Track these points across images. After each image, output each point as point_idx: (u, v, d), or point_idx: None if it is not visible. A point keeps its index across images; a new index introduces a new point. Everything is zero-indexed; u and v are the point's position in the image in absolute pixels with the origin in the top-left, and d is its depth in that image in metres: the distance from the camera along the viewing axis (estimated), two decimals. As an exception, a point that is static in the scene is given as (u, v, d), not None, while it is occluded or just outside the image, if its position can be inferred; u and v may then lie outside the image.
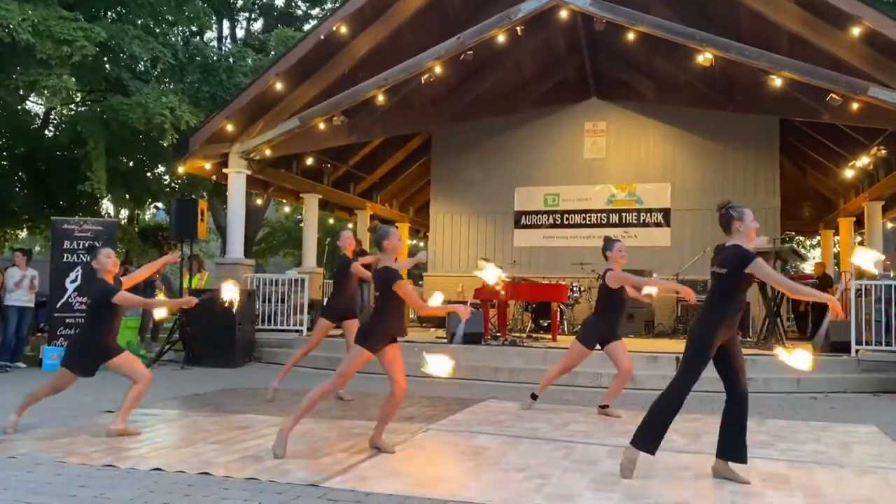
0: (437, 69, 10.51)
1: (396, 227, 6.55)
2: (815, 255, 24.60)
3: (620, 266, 6.27)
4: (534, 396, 6.76)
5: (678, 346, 9.89)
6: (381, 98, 11.02)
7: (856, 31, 8.86)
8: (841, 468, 4.63)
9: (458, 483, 4.07)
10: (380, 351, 4.76)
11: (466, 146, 14.96)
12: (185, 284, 11.23)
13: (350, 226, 17.36)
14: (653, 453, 4.20)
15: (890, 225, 17.81)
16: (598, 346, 6.37)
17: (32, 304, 10.39)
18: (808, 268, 23.65)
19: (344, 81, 11.14)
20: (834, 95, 9.28)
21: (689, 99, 13.00)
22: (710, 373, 4.26)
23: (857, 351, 8.98)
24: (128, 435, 5.12)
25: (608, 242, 6.33)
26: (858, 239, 19.10)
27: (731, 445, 4.21)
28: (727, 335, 4.20)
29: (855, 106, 9.49)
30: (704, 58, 9.71)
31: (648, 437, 4.20)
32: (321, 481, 4.02)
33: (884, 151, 12.16)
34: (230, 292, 6.09)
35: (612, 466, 4.51)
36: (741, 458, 4.20)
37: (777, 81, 9.67)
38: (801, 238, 26.63)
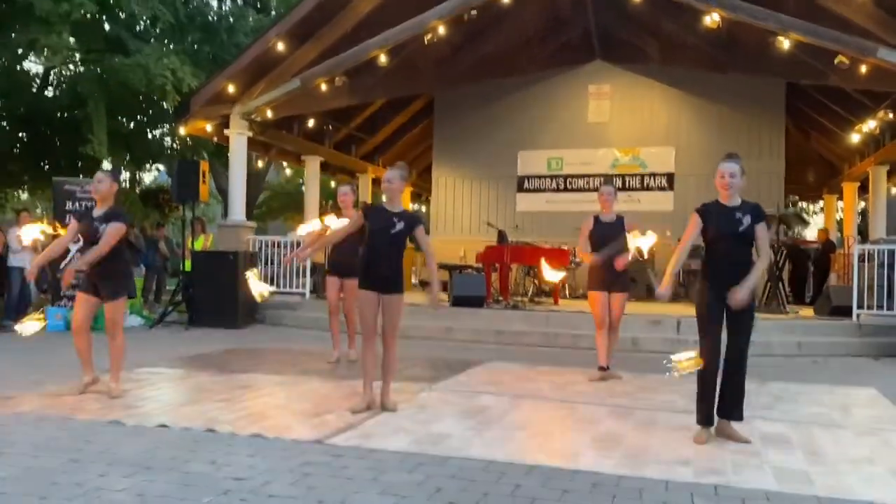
0: (441, 29, 10.34)
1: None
2: (818, 222, 24.54)
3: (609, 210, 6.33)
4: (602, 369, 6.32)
5: (679, 309, 9.95)
6: (382, 59, 10.87)
7: (866, -9, 8.73)
8: (841, 429, 4.66)
9: (461, 440, 4.10)
10: (375, 296, 4.75)
11: (469, 109, 14.81)
12: (190, 246, 11.22)
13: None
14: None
15: (895, 190, 17.68)
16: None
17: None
18: (810, 234, 23.63)
19: (346, 41, 10.96)
20: (842, 58, 9.16)
21: (695, 61, 12.80)
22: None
23: (858, 315, 9.00)
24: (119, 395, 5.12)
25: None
26: (862, 205, 19.08)
27: (725, 403, 4.31)
28: (722, 291, 4.17)
29: (863, 69, 9.34)
30: (711, 19, 9.57)
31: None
32: (325, 438, 4.06)
33: (891, 115, 12.03)
34: (258, 287, 6.12)
35: (613, 426, 4.55)
36: (734, 415, 4.29)
37: (785, 43, 9.52)
38: (805, 203, 26.52)
